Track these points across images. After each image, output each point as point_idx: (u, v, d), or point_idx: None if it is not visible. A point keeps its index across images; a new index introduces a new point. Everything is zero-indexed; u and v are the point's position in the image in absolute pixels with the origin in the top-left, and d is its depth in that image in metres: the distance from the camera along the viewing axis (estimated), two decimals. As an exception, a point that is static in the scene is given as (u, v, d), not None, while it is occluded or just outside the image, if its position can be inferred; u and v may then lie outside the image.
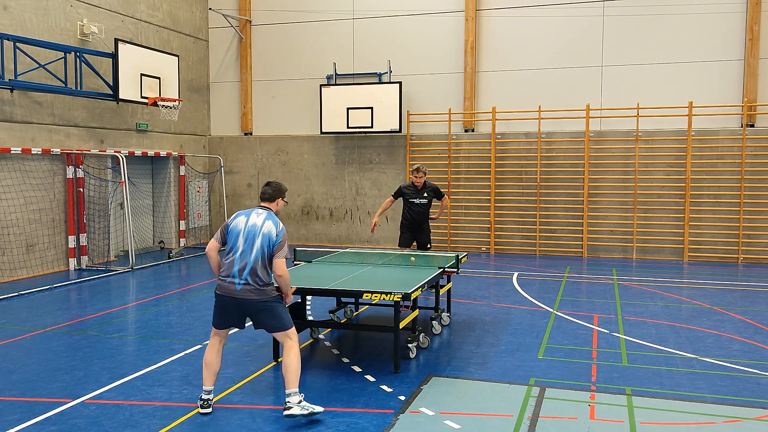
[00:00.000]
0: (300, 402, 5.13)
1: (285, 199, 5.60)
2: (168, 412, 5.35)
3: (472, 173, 14.90)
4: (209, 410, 5.34)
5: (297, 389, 5.18)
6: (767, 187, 13.19)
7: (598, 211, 14.14)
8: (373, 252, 9.40)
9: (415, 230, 9.65)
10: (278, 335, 5.39)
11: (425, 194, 9.52)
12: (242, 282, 5.23)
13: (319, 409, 5.18)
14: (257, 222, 5.33)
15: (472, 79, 14.72)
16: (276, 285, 5.46)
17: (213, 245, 5.44)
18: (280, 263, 5.30)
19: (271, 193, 5.51)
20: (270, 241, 5.27)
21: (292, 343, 5.32)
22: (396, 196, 9.71)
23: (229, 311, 5.34)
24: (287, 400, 5.13)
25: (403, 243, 9.70)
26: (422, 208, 9.55)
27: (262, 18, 16.29)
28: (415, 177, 9.42)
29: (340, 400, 5.60)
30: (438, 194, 9.67)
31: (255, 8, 16.32)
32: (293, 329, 5.40)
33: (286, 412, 5.10)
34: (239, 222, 5.38)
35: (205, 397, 5.35)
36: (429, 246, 9.74)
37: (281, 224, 5.38)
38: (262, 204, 5.53)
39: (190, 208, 15.85)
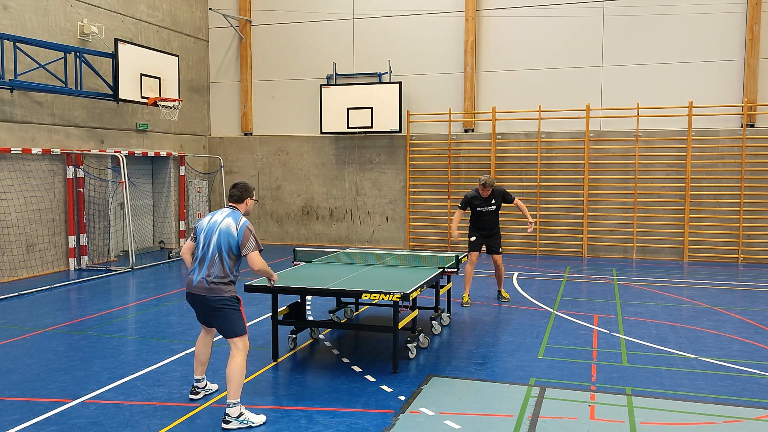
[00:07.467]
0: (240, 416, 5.04)
1: (254, 198, 5.56)
2: (168, 412, 5.35)
3: (472, 173, 14.89)
4: (198, 396, 5.65)
5: (238, 400, 5.08)
6: (767, 187, 13.20)
7: (598, 211, 14.13)
8: (373, 252, 9.40)
9: (486, 236, 9.40)
10: (228, 340, 5.26)
11: (493, 201, 9.27)
12: (199, 277, 5.21)
13: (259, 420, 5.09)
14: (218, 219, 5.29)
15: (472, 79, 14.72)
16: (233, 290, 5.28)
17: (187, 246, 5.44)
18: (252, 258, 5.20)
19: (239, 194, 5.45)
20: (230, 236, 5.17)
21: (237, 350, 5.19)
22: (464, 206, 9.40)
23: (195, 306, 5.34)
24: (227, 411, 5.05)
25: (473, 248, 9.39)
26: (491, 215, 9.34)
27: (262, 18, 16.29)
28: (482, 191, 9.19)
29: (340, 400, 5.60)
30: (507, 199, 9.37)
31: (255, 8, 16.32)
32: (243, 338, 5.25)
33: (224, 425, 5.03)
34: (204, 221, 5.38)
35: (194, 384, 5.68)
36: (500, 250, 9.48)
37: (243, 219, 5.28)
38: (230, 204, 5.48)
39: (190, 208, 15.84)
